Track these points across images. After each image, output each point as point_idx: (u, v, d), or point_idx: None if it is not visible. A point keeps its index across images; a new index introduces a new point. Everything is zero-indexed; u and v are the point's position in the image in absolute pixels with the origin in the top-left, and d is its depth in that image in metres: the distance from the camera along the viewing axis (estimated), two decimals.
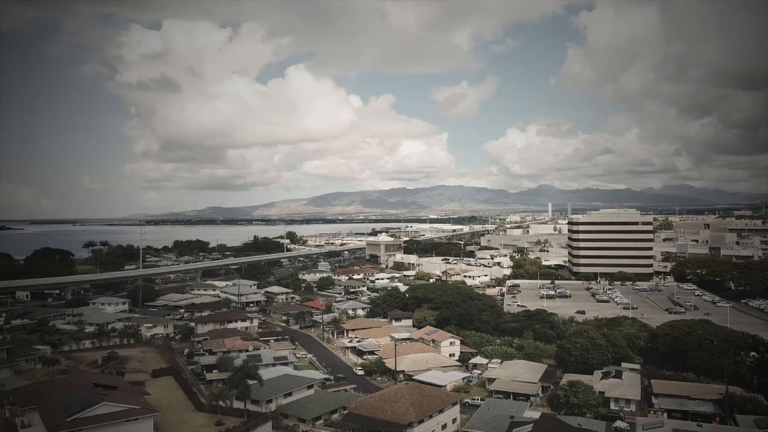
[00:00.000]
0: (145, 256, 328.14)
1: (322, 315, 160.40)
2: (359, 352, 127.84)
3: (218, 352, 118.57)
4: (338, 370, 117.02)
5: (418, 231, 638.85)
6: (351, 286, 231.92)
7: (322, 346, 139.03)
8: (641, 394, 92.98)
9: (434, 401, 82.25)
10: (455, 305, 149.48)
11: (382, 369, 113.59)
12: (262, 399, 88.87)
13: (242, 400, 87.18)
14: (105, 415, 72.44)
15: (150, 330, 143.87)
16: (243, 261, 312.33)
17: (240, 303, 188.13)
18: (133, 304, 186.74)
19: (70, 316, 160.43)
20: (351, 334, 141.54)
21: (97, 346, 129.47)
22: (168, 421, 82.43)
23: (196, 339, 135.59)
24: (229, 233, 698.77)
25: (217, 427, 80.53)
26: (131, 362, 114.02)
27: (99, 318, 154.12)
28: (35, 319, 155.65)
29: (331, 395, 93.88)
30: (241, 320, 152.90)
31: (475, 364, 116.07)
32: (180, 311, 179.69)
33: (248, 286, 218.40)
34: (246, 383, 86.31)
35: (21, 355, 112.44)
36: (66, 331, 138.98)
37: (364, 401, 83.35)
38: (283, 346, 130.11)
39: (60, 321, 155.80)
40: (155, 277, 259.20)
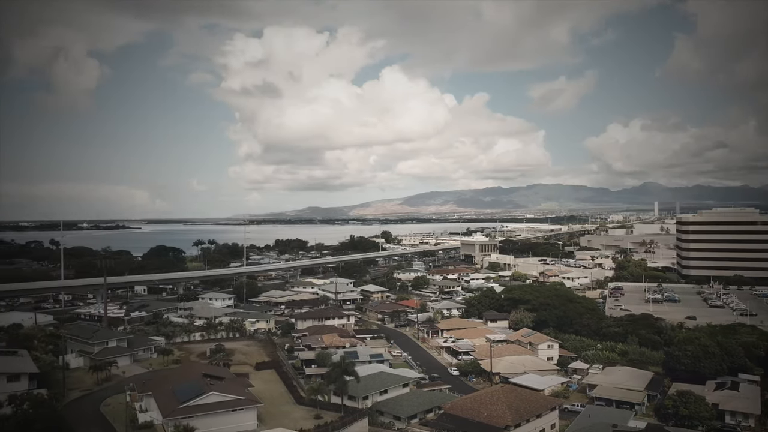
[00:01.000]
0: (249, 254, 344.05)
1: (416, 314, 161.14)
2: (454, 352, 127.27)
3: (317, 347, 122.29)
4: (433, 369, 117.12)
5: (513, 231, 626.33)
6: (445, 286, 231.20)
7: (417, 345, 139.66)
8: (761, 408, 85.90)
9: (531, 405, 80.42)
10: (553, 307, 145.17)
11: (477, 370, 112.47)
12: (359, 395, 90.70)
13: (339, 396, 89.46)
14: (213, 404, 76.99)
15: (253, 325, 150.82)
16: (340, 260, 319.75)
17: (337, 300, 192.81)
18: (238, 300, 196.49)
19: (182, 310, 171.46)
20: (445, 333, 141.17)
21: (206, 339, 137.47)
22: (270, 412, 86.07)
23: (296, 334, 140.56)
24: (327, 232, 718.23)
25: (315, 420, 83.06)
26: (236, 355, 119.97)
27: (207, 312, 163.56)
28: (151, 312, 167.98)
29: (426, 394, 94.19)
30: (339, 317, 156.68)
31: (574, 369, 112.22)
32: (281, 307, 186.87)
33: (345, 284, 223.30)
34: (343, 379, 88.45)
35: (139, 345, 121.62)
36: (178, 323, 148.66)
37: (460, 402, 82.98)
38: (378, 344, 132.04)
39: (173, 314, 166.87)
40: (258, 274, 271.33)
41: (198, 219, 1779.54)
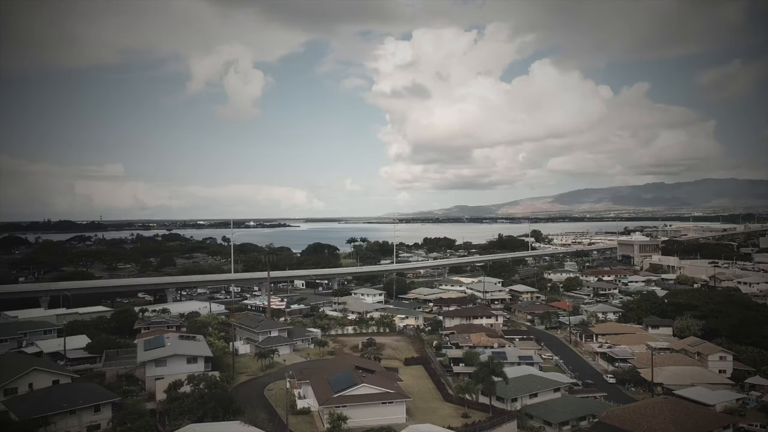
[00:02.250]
0: (398, 252, 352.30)
1: (568, 316, 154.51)
2: (610, 358, 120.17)
3: (464, 346, 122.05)
4: (586, 375, 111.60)
5: (678, 230, 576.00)
6: (600, 288, 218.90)
7: (569, 348, 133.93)
8: None
9: (700, 421, 73.47)
10: (726, 315, 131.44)
11: (637, 379, 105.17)
12: (507, 397, 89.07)
13: (488, 396, 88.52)
14: (364, 395, 79.98)
15: (402, 321, 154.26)
16: (488, 258, 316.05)
17: (485, 300, 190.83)
18: (388, 296, 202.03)
19: (336, 304, 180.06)
20: (601, 338, 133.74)
21: (358, 333, 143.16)
22: (418, 407, 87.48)
23: (444, 332, 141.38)
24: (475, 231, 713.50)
25: (463, 419, 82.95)
26: (386, 349, 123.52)
27: (359, 307, 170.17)
28: (309, 305, 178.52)
29: (579, 401, 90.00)
30: (486, 317, 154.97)
31: (752, 384, 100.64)
32: (429, 305, 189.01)
33: (493, 283, 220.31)
34: (491, 379, 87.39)
35: (298, 335, 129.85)
36: (333, 317, 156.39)
37: (617, 412, 78.16)
38: (528, 345, 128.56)
39: (328, 308, 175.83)
40: (407, 271, 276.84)
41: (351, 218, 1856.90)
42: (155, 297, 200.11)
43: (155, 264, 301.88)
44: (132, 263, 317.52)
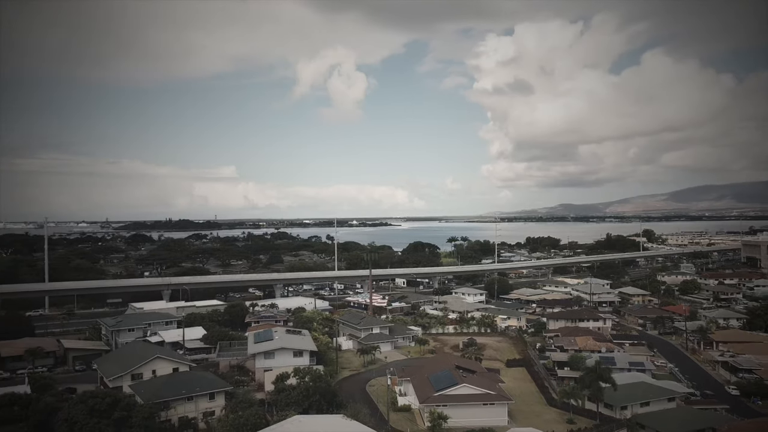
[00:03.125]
0: (500, 252, 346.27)
1: (684, 322, 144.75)
2: (732, 368, 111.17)
3: (569, 349, 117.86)
4: (705, 385, 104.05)
5: None
6: (721, 292, 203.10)
7: (685, 356, 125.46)
8: None
9: None
10: None
11: (764, 392, 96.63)
12: (616, 404, 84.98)
13: (595, 402, 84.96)
14: (465, 395, 79.47)
15: (504, 321, 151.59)
16: (595, 259, 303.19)
17: (592, 302, 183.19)
18: (489, 296, 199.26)
19: (437, 303, 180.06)
20: (722, 346, 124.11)
21: (458, 332, 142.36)
22: (520, 410, 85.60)
23: (548, 334, 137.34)
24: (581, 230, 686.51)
25: (568, 425, 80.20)
26: (487, 350, 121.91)
27: (460, 306, 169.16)
28: (410, 303, 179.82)
29: (697, 413, 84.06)
30: (593, 320, 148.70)
31: None
32: (532, 306, 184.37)
33: (600, 285, 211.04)
34: (598, 385, 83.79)
35: (399, 333, 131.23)
36: (433, 315, 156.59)
37: (741, 426, 72.41)
38: (639, 351, 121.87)
39: (429, 306, 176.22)
40: (509, 271, 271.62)
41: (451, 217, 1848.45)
42: (264, 292, 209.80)
43: (264, 261, 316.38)
44: (243, 260, 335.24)
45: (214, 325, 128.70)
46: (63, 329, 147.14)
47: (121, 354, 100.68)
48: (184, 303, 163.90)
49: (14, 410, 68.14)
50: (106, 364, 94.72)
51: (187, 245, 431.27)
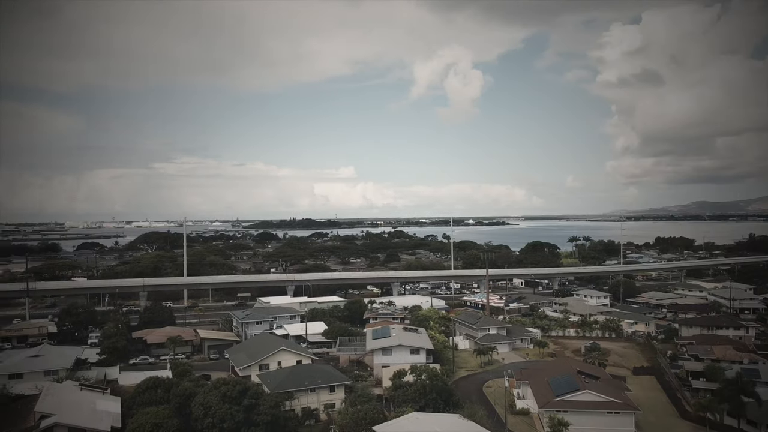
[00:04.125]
0: (626, 252, 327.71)
1: None
2: None
3: (705, 359, 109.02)
4: None
5: None
6: None
7: None
8: None
9: None
10: None
11: None
12: (762, 422, 77.38)
13: (735, 418, 77.96)
14: (587, 402, 76.09)
15: (631, 326, 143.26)
16: (735, 261, 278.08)
17: (732, 308, 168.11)
18: (614, 299, 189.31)
19: (557, 305, 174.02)
20: None
21: (580, 336, 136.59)
22: (649, 422, 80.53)
23: (680, 342, 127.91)
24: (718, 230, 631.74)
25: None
26: (612, 356, 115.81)
27: (582, 309, 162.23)
28: (528, 305, 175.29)
29: None
30: (734, 327, 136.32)
31: None
32: (662, 311, 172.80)
33: (743, 290, 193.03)
34: (740, 399, 76.84)
35: (517, 334, 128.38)
36: (553, 318, 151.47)
37: None
38: None
39: (548, 308, 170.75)
40: (636, 273, 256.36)
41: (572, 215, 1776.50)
42: (382, 290, 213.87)
43: (382, 259, 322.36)
44: (362, 258, 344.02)
45: (334, 321, 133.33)
46: (199, 320, 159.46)
47: (250, 345, 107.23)
48: (307, 298, 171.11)
49: (158, 393, 74.80)
50: (237, 354, 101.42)
51: (310, 243, 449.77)
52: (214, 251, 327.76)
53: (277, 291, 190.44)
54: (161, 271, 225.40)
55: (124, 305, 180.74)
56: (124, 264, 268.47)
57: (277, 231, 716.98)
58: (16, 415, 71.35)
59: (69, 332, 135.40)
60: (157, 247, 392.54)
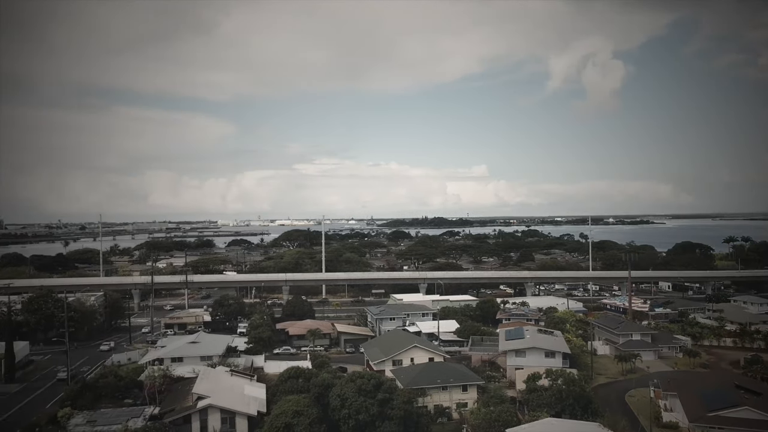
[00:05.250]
0: None
1: None
2: None
3: None
4: None
5: None
6: None
7: None
8: None
9: None
10: None
11: None
12: None
13: None
14: (747, 420, 68.88)
15: None
16: None
17: None
18: None
19: (710, 311, 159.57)
20: None
21: (739, 347, 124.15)
22: None
23: None
24: None
25: None
26: None
27: (741, 317, 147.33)
28: (676, 310, 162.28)
29: None
30: None
31: None
32: None
33: None
34: None
35: (663, 341, 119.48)
36: (706, 325, 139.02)
37: None
38: None
39: (700, 315, 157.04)
40: None
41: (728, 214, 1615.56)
42: (515, 290, 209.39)
43: (515, 259, 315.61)
44: (494, 257, 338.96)
45: (466, 320, 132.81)
46: (336, 314, 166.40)
47: (384, 340, 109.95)
48: (439, 296, 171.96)
49: (299, 382, 79.18)
50: (371, 348, 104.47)
51: (442, 242, 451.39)
52: (350, 249, 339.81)
53: (409, 288, 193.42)
54: (302, 267, 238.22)
55: (268, 298, 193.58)
56: (269, 260, 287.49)
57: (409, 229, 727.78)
58: (178, 394, 79.21)
59: (221, 321, 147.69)
60: (298, 244, 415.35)
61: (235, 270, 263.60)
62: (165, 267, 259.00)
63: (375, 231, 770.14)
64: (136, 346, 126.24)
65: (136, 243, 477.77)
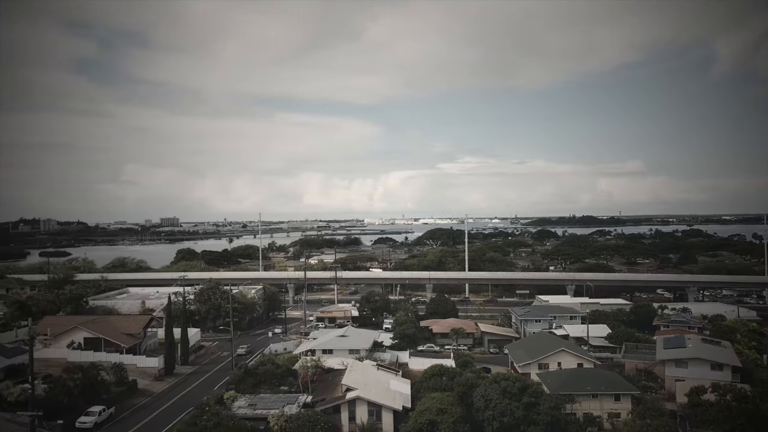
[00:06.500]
0: None
1: None
2: None
3: None
4: None
5: None
6: None
7: None
8: None
9: None
10: None
11: None
12: None
13: None
14: None
15: None
16: None
17: None
18: None
19: None
20: None
21: None
22: None
23: None
24: None
25: None
26: None
27: None
28: None
29: None
30: None
31: None
32: None
33: None
34: None
35: None
36: None
37: None
38: None
39: None
40: None
41: None
42: (675, 295, 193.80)
43: (674, 261, 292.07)
44: (650, 259, 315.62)
45: (619, 325, 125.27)
46: (479, 314, 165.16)
47: (529, 342, 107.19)
48: (588, 299, 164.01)
49: (442, 380, 79.73)
50: (516, 350, 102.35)
51: (591, 241, 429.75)
52: (493, 248, 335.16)
53: (555, 290, 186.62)
54: (445, 265, 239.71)
55: (412, 295, 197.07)
56: (413, 258, 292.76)
57: (555, 228, 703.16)
58: (328, 384, 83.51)
59: (367, 317, 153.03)
60: (441, 242, 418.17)
61: (381, 267, 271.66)
62: (316, 263, 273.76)
63: (519, 230, 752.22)
64: (291, 336, 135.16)
65: (290, 240, 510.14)
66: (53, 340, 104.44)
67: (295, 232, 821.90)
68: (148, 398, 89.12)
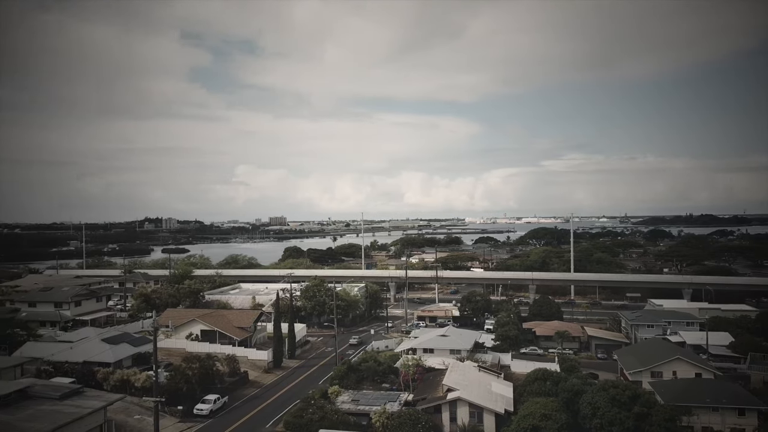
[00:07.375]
0: None
1: None
2: None
3: None
4: None
5: None
6: None
7: None
8: None
9: None
10: None
11: None
12: None
13: None
14: None
15: None
16: None
17: None
18: None
19: None
20: None
21: None
22: None
23: None
24: None
25: None
26: None
27: None
28: None
29: None
30: None
31: None
32: None
33: None
34: None
35: None
36: None
37: None
38: None
39: None
40: None
41: None
42: None
43: None
44: None
45: (743, 333, 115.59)
46: (586, 317, 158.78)
47: (640, 349, 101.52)
48: (708, 305, 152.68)
49: (546, 384, 77.44)
50: (626, 356, 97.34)
51: (710, 242, 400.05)
52: (601, 248, 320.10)
53: (670, 293, 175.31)
54: (548, 265, 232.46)
55: (514, 296, 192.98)
56: (515, 257, 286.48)
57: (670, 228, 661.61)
58: (429, 384, 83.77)
59: (468, 317, 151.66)
60: (544, 242, 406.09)
61: (482, 267, 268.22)
62: (417, 262, 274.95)
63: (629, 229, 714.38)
64: (393, 335, 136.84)
65: (392, 239, 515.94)
66: (174, 331, 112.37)
67: (397, 230, 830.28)
68: (258, 389, 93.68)
